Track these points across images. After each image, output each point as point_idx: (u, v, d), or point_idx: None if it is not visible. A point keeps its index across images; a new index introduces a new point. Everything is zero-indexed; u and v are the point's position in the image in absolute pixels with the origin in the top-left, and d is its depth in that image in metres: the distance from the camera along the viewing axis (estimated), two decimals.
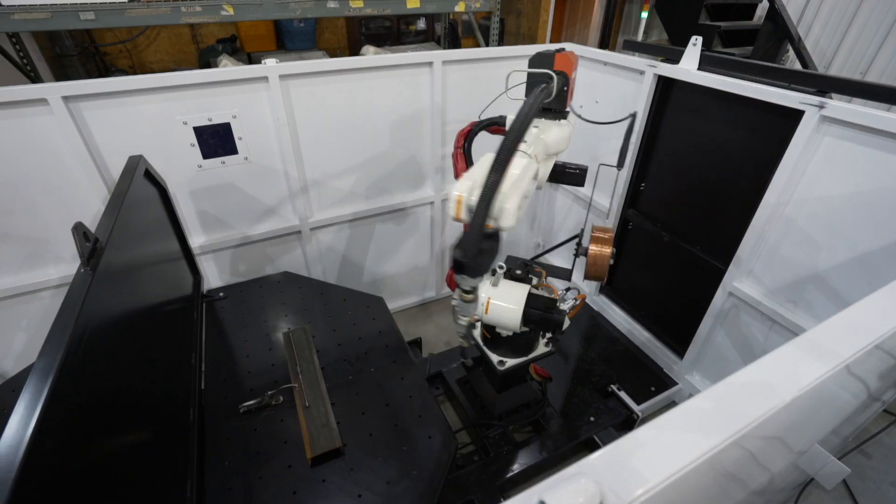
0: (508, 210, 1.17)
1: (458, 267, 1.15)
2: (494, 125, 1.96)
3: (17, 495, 0.71)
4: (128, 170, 1.87)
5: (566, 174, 1.98)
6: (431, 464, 1.73)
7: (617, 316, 3.46)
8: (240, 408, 1.93)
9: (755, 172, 2.30)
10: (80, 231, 1.25)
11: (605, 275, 2.26)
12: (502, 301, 1.92)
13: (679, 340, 3.04)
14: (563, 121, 1.76)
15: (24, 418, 0.82)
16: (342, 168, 2.91)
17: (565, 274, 2.30)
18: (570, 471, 0.53)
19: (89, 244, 1.28)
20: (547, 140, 1.68)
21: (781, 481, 2.04)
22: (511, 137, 1.11)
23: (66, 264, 2.52)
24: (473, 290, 1.30)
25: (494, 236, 1.19)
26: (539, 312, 1.94)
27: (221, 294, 2.62)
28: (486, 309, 1.93)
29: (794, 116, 2.01)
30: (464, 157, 1.96)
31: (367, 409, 1.94)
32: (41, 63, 5.07)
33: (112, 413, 1.24)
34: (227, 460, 1.75)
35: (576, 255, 2.20)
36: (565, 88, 1.67)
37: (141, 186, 1.96)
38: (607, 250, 2.21)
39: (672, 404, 3.05)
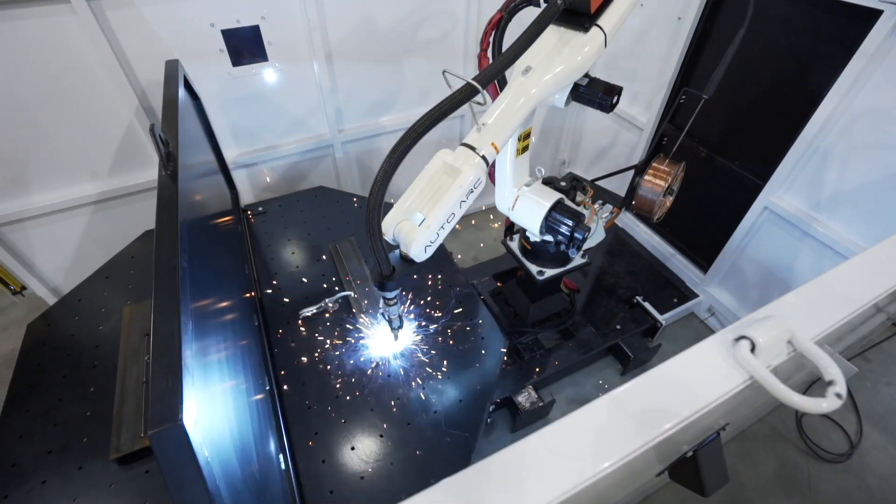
0: (416, 245, 1.21)
1: (374, 284, 1.32)
2: (528, 2, 1.60)
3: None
4: (170, 75, 1.80)
5: (590, 101, 1.65)
6: (487, 359, 1.88)
7: (642, 232, 3.52)
8: (300, 314, 2.04)
9: (812, 81, 2.22)
10: (155, 133, 1.23)
11: (653, 209, 2.25)
12: (530, 201, 1.87)
13: (704, 255, 3.13)
14: (583, 35, 1.43)
15: (171, 309, 0.89)
16: (373, 76, 2.78)
17: (617, 200, 2.25)
18: (760, 313, 0.60)
19: (165, 148, 1.27)
20: (553, 68, 1.42)
21: (794, 382, 2.22)
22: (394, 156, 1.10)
23: (103, 180, 2.50)
24: (394, 297, 1.47)
25: (410, 260, 1.25)
26: (560, 219, 1.85)
27: (261, 209, 2.63)
28: (513, 205, 1.91)
29: (868, 17, 1.90)
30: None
31: (422, 314, 2.06)
32: None
33: (208, 314, 1.32)
34: (296, 360, 1.89)
35: (634, 185, 2.15)
36: None
37: (182, 95, 1.89)
38: (660, 183, 2.19)
39: (692, 315, 3.22)
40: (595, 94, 1.64)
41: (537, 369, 2.62)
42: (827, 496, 2.37)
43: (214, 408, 1.03)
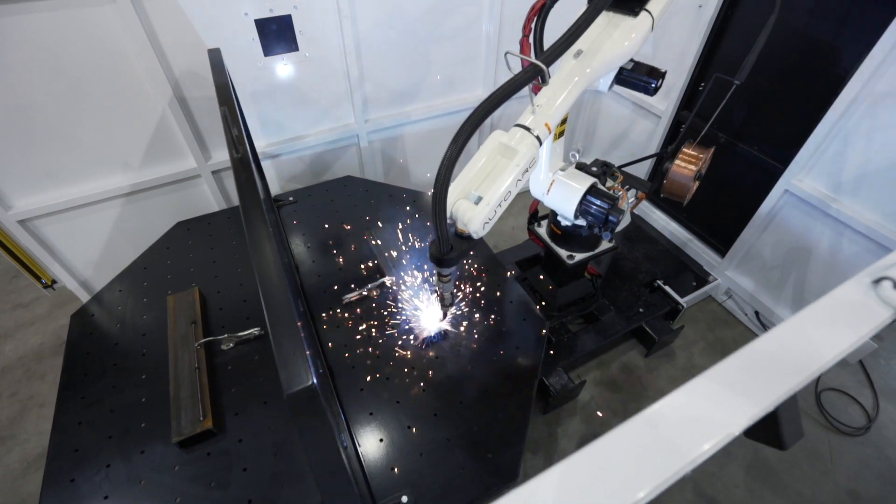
0: (475, 222, 1.25)
1: (433, 261, 1.34)
2: None
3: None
4: (215, 63, 1.81)
5: (634, 84, 1.72)
6: (530, 339, 1.93)
7: (658, 218, 3.58)
8: (342, 299, 2.07)
9: (836, 65, 2.28)
10: (226, 116, 1.25)
11: (684, 194, 2.31)
12: (564, 185, 1.91)
13: (721, 240, 3.20)
14: (632, 19, 1.50)
15: (276, 278, 0.92)
16: (400, 65, 2.81)
17: (645, 186, 2.30)
18: (892, 257, 0.65)
19: (235, 131, 1.29)
20: (603, 51, 1.47)
21: None
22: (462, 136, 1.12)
23: (134, 171, 2.50)
24: (449, 275, 1.51)
25: (469, 237, 1.29)
26: (596, 203, 1.89)
27: (291, 198, 2.65)
28: (548, 190, 1.96)
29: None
30: (532, 50, 1.66)
31: (464, 297, 2.10)
32: None
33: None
34: (343, 343, 1.93)
35: (663, 171, 2.19)
36: None
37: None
38: (691, 168, 2.25)
39: (709, 298, 3.29)
40: (639, 77, 1.69)
41: (565, 352, 2.68)
42: (849, 467, 2.46)
43: None
